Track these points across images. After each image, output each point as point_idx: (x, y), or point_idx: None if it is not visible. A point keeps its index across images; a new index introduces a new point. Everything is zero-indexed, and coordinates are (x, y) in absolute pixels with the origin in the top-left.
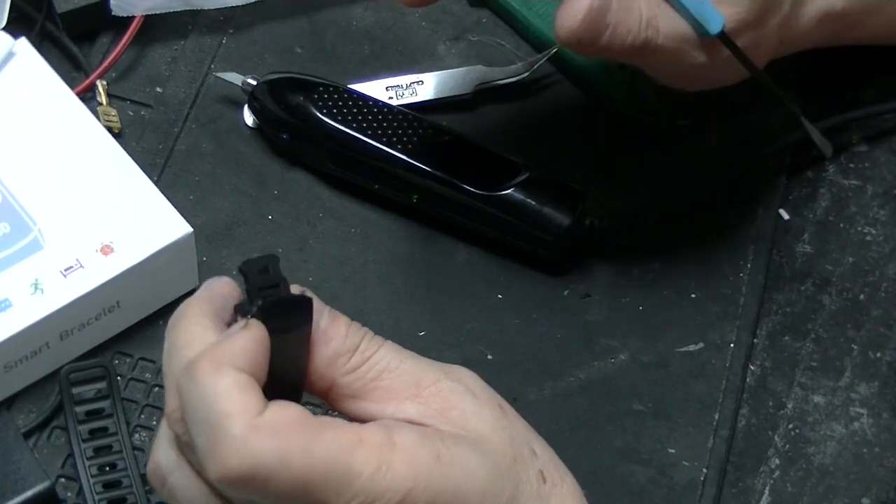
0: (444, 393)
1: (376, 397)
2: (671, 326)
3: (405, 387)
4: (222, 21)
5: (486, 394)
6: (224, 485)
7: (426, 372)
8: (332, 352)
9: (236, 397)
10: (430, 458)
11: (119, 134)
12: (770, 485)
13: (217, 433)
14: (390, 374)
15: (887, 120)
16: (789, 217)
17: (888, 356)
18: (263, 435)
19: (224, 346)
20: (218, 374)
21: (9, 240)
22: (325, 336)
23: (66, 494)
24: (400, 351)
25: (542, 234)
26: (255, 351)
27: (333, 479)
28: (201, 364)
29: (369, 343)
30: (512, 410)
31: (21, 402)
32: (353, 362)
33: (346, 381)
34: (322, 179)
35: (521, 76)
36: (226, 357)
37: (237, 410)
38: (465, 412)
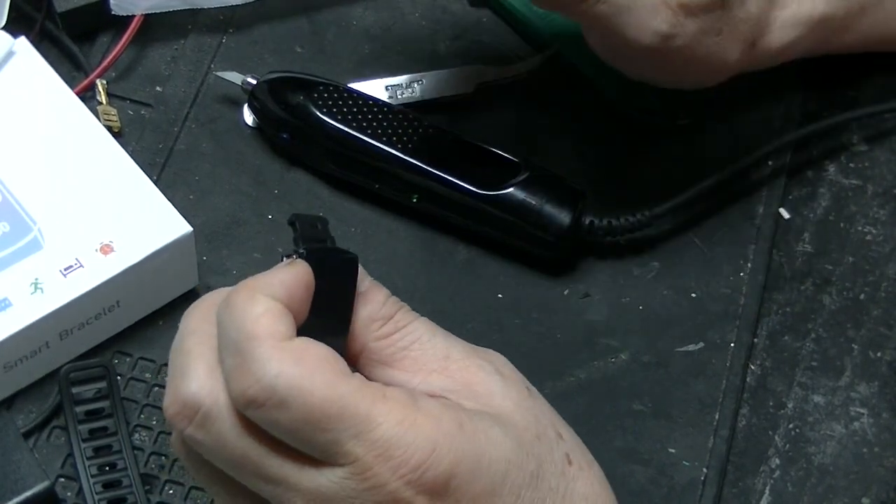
0: (471, 369)
1: (405, 366)
2: (671, 326)
3: (434, 360)
4: (222, 20)
5: (515, 375)
6: (244, 405)
7: (456, 348)
8: (366, 315)
9: (266, 322)
10: (454, 425)
11: (119, 133)
12: (770, 485)
13: (243, 353)
14: (421, 345)
15: (887, 120)
16: (789, 217)
17: (888, 356)
18: (286, 359)
19: (265, 277)
20: (252, 301)
21: (8, 239)
22: (364, 298)
23: (66, 494)
24: (433, 327)
25: (542, 233)
26: (296, 286)
27: (352, 421)
28: (239, 291)
29: (404, 315)
30: (539, 395)
31: (21, 401)
32: (385, 329)
33: (378, 346)
34: (322, 179)
35: (521, 76)
36: (263, 286)
37: (265, 334)
38: (491, 390)
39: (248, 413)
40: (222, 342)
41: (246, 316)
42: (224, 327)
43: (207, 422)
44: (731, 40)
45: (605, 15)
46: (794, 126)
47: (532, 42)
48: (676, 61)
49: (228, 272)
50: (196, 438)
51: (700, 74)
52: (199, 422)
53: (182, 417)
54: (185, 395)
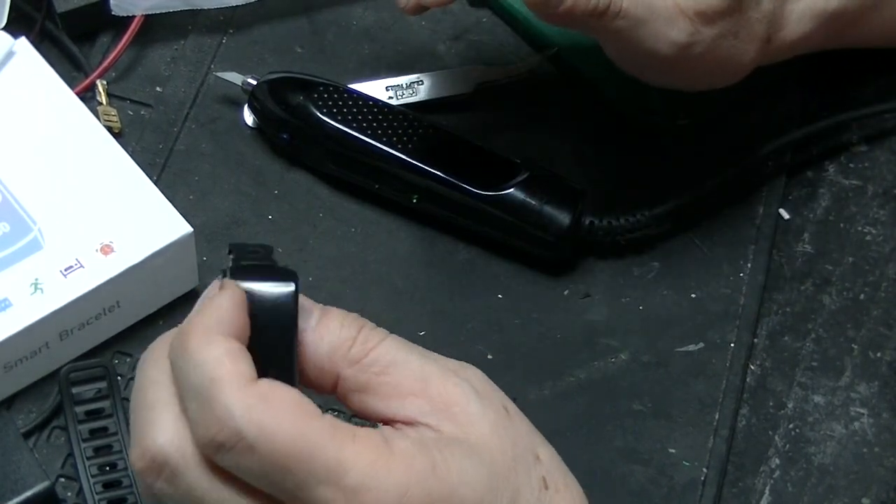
0: (449, 391)
1: (382, 392)
2: (671, 326)
3: (411, 382)
4: (222, 21)
5: (493, 394)
6: (210, 450)
7: (433, 368)
8: (327, 346)
9: (227, 364)
10: (427, 466)
11: (119, 134)
12: (770, 485)
13: (207, 398)
14: (396, 368)
15: (887, 120)
16: (789, 217)
17: (888, 356)
18: (252, 401)
19: (209, 313)
20: (209, 343)
21: (8, 239)
22: (319, 333)
23: (66, 494)
24: (406, 345)
25: (542, 233)
26: (236, 312)
27: (322, 465)
28: (192, 334)
29: (369, 334)
30: (518, 413)
31: (21, 402)
32: (353, 353)
33: (350, 373)
34: (322, 179)
35: (521, 76)
36: (214, 324)
37: (228, 376)
38: (469, 412)
39: (216, 458)
40: (184, 389)
41: (205, 360)
42: (184, 374)
43: (177, 475)
44: (748, 41)
45: (622, 29)
46: (794, 126)
47: (532, 42)
48: (695, 67)
49: None
50: (166, 492)
51: (718, 76)
52: (169, 476)
53: (150, 472)
54: (152, 450)
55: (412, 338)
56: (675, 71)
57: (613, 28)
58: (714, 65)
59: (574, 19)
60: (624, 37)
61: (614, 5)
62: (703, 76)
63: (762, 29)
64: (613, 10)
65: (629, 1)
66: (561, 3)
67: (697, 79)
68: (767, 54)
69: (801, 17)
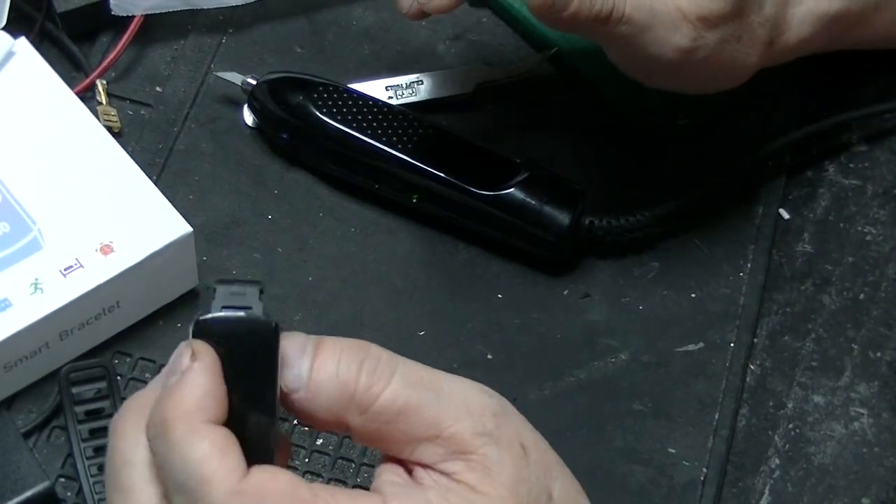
0: (464, 436)
1: (394, 440)
2: (671, 326)
3: (423, 428)
4: (222, 21)
5: (509, 433)
6: None
7: (446, 410)
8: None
9: (215, 461)
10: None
11: (119, 133)
12: (770, 485)
13: (198, 499)
14: (406, 415)
15: (887, 120)
16: (789, 217)
17: (888, 356)
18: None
19: (188, 394)
20: (193, 435)
21: (8, 239)
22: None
23: (66, 494)
24: (415, 382)
25: (542, 233)
26: (215, 388)
27: None
28: (174, 424)
29: (373, 375)
30: (535, 447)
31: (21, 402)
32: (359, 401)
33: (359, 423)
34: (322, 179)
35: (521, 76)
36: (195, 409)
37: (218, 475)
38: (486, 459)
39: None
40: (170, 484)
41: (191, 456)
42: (168, 467)
43: None
44: (750, 45)
45: (626, 35)
46: (794, 126)
47: (532, 42)
48: (698, 72)
49: (228, 272)
50: None
51: (720, 80)
52: None
53: None
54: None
55: (412, 338)
56: (677, 75)
57: (616, 33)
58: (717, 69)
59: (577, 25)
60: (627, 42)
61: (617, 11)
62: (706, 80)
63: (764, 33)
64: (616, 16)
65: (632, 6)
66: (565, 8)
67: (700, 83)
68: (770, 57)
69: (803, 21)
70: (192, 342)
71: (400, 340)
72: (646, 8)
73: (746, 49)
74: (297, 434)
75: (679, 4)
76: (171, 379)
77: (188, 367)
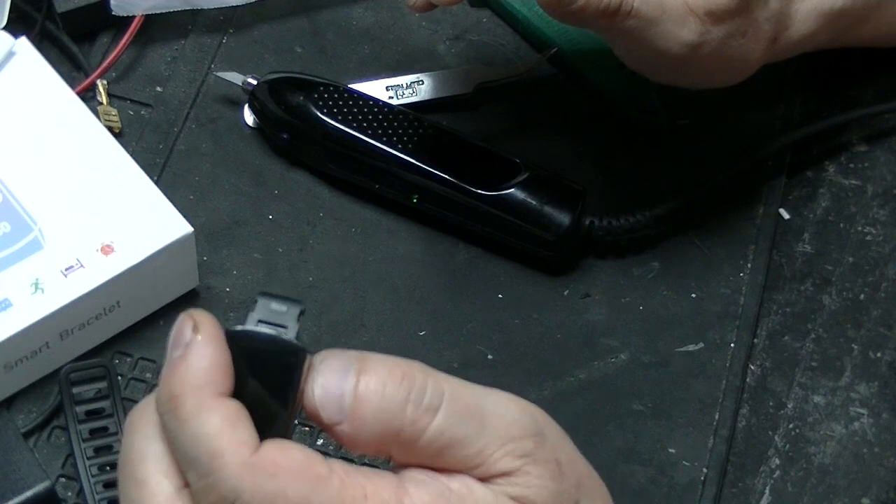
0: (509, 459)
1: (438, 468)
2: (671, 326)
3: (469, 459)
4: (222, 21)
5: (546, 453)
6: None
7: (491, 440)
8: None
9: (227, 435)
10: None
11: (119, 133)
12: (770, 485)
13: (210, 474)
14: (452, 449)
15: (887, 120)
16: (789, 217)
17: (888, 356)
18: (259, 475)
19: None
20: (204, 409)
21: (9, 239)
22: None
23: (66, 494)
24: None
25: (542, 233)
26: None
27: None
28: (183, 398)
29: (419, 412)
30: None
31: (21, 402)
32: (405, 436)
33: (403, 456)
34: (322, 179)
35: (521, 76)
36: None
37: (230, 448)
38: (530, 476)
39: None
40: (182, 459)
41: (202, 430)
42: (180, 443)
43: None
44: (755, 40)
45: (633, 29)
46: (794, 126)
47: (532, 42)
48: (703, 67)
49: (228, 272)
50: None
51: (725, 75)
52: None
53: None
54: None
55: (412, 338)
56: (683, 70)
57: (624, 28)
58: (722, 64)
59: (585, 18)
60: (634, 36)
61: (625, 5)
62: (711, 75)
63: (769, 28)
64: (624, 10)
65: (640, 1)
66: (573, 1)
67: (705, 78)
68: (773, 53)
69: (807, 17)
70: (191, 312)
71: (400, 340)
72: (654, 2)
73: (751, 45)
74: (297, 435)
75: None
76: (175, 353)
77: (192, 339)
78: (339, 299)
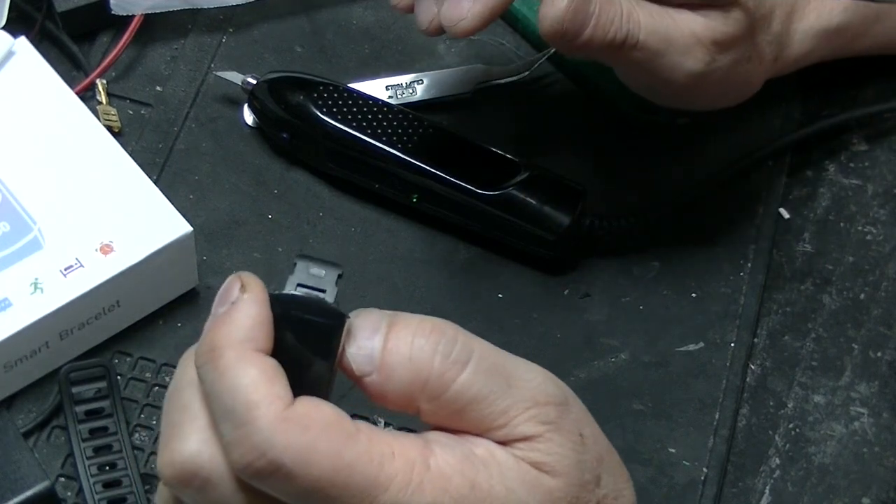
0: (530, 424)
1: (462, 427)
2: (671, 326)
3: (494, 417)
4: (222, 20)
5: (569, 424)
6: (247, 476)
7: (516, 401)
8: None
9: (263, 387)
10: (465, 486)
11: (119, 133)
12: (770, 484)
13: (244, 424)
14: (478, 405)
15: (887, 120)
16: (789, 217)
17: (888, 356)
18: (292, 429)
19: (238, 323)
20: (243, 362)
21: (8, 239)
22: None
23: (66, 494)
24: (491, 373)
25: (542, 233)
26: (264, 319)
27: (356, 487)
28: (223, 350)
29: (448, 364)
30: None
31: (21, 401)
32: (431, 389)
33: (429, 409)
34: (322, 179)
35: (521, 76)
36: (244, 338)
37: (266, 400)
38: (552, 444)
39: (252, 482)
40: (217, 409)
41: (240, 382)
42: (217, 394)
43: (208, 486)
44: (758, 62)
45: (639, 60)
46: (794, 126)
47: (532, 42)
48: (708, 92)
49: (228, 272)
50: (197, 501)
51: (729, 98)
52: (199, 486)
53: (180, 481)
54: (183, 458)
55: None
56: (687, 95)
57: (630, 59)
58: (726, 88)
59: (590, 51)
60: (640, 67)
61: (631, 38)
62: (715, 99)
63: (771, 50)
64: (630, 43)
65: (646, 33)
66: (578, 36)
67: (709, 101)
68: (773, 71)
69: (805, 35)
70: (240, 274)
71: None
72: (660, 34)
73: (755, 67)
74: None
75: (693, 29)
76: (221, 309)
77: (238, 297)
78: (339, 299)
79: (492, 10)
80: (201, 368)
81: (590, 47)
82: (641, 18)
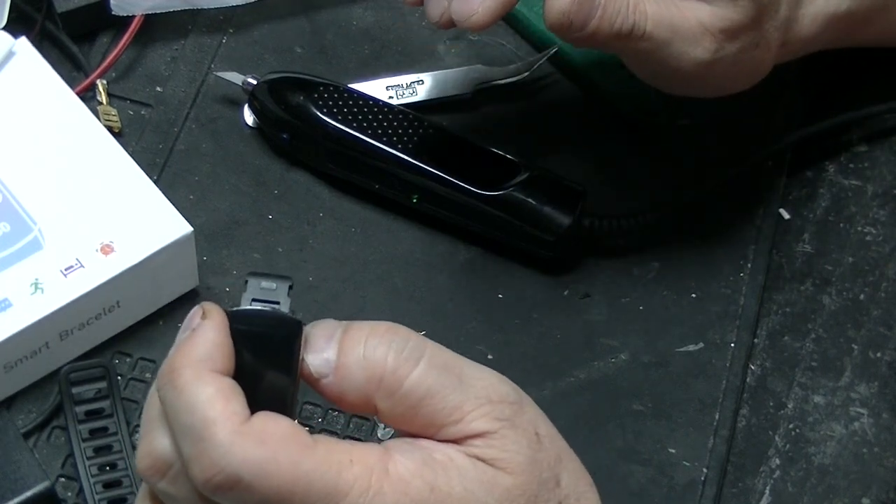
0: (485, 420)
1: (417, 423)
2: (671, 326)
3: (448, 412)
4: (222, 21)
5: (525, 422)
6: (209, 491)
7: (468, 396)
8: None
9: (220, 404)
10: (424, 489)
11: (119, 133)
12: (770, 485)
13: (202, 439)
14: (432, 399)
15: (887, 120)
16: (789, 217)
17: (888, 356)
18: (249, 442)
19: (196, 346)
20: (200, 381)
21: (9, 239)
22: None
23: (66, 494)
24: (442, 369)
25: (542, 233)
26: (223, 342)
27: (316, 496)
28: (181, 370)
29: (400, 361)
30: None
31: (21, 402)
32: (386, 385)
33: (386, 406)
34: (322, 179)
35: (521, 76)
36: (202, 359)
37: (222, 417)
38: (506, 440)
39: (214, 498)
40: (176, 427)
41: (197, 399)
42: (174, 411)
43: (181, 477)
44: (766, 49)
45: (646, 50)
46: (794, 126)
47: (532, 42)
48: (717, 79)
49: (228, 272)
50: (169, 493)
51: (738, 83)
52: (173, 477)
53: (154, 472)
54: (158, 450)
55: None
56: (696, 83)
57: (637, 49)
58: (735, 75)
59: (597, 42)
60: (647, 57)
61: (637, 28)
62: (724, 85)
63: (778, 35)
64: (637, 33)
65: (653, 23)
66: (583, 27)
67: (718, 88)
68: (779, 56)
69: (813, 20)
70: (203, 304)
71: None
72: (666, 24)
73: (763, 54)
74: None
75: (700, 18)
76: (182, 336)
77: (198, 323)
78: (339, 299)
79: (503, 4)
80: (161, 389)
81: (596, 38)
82: (648, 8)
